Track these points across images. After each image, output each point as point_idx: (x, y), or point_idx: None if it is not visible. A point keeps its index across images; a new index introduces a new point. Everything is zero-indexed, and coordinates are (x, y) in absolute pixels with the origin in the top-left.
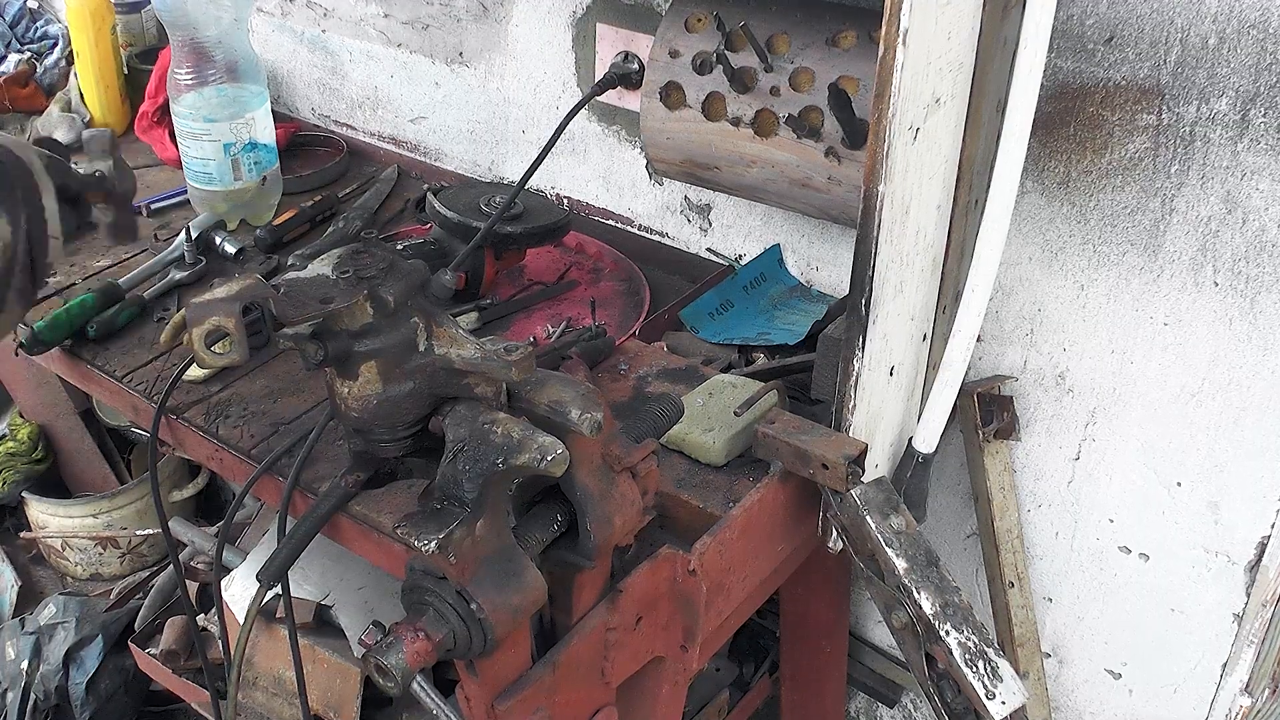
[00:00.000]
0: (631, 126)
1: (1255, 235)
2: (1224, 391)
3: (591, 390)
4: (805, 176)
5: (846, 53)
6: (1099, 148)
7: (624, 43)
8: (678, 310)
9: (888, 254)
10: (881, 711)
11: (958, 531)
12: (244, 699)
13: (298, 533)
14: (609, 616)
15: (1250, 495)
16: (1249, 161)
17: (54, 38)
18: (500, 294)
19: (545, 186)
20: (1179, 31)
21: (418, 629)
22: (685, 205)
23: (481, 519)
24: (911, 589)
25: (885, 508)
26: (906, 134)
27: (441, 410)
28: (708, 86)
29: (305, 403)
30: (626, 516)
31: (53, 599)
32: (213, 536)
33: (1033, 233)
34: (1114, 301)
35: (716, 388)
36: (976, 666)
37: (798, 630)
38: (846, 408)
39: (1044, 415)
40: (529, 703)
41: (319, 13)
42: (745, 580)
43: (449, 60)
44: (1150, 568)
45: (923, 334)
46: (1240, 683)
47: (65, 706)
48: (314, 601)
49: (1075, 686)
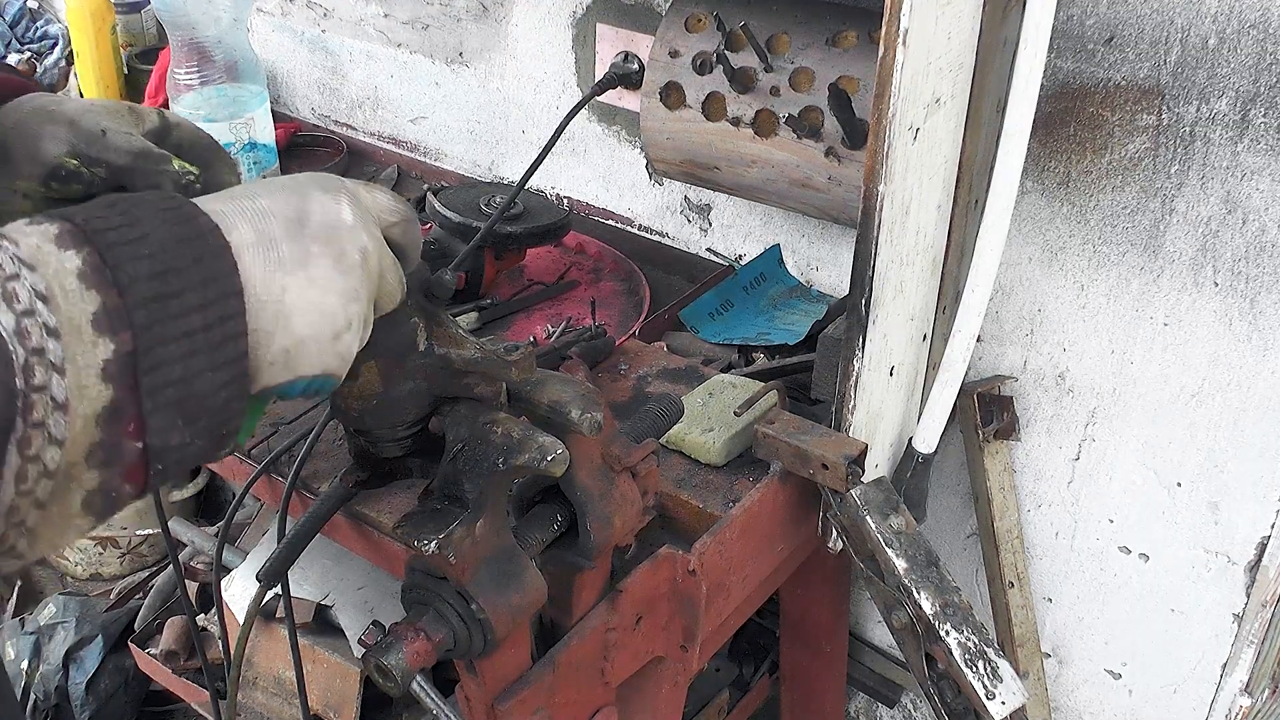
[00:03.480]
0: (631, 126)
1: (1255, 235)
2: (1224, 392)
3: (591, 390)
4: (805, 176)
5: (846, 53)
6: (1099, 148)
7: (624, 43)
8: (678, 310)
9: (888, 254)
10: (881, 711)
11: (958, 531)
12: (244, 699)
13: (297, 533)
14: (609, 617)
15: (1250, 495)
16: (1249, 162)
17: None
18: (500, 294)
19: (545, 186)
20: (1179, 31)
21: (417, 629)
22: (685, 205)
23: (481, 519)
24: (911, 589)
25: (885, 508)
26: (906, 134)
27: (441, 410)
28: (708, 86)
29: (305, 402)
30: (626, 516)
31: (52, 599)
32: (212, 536)
33: (1033, 233)
34: (1114, 301)
35: (716, 388)
36: (976, 666)
37: (798, 630)
38: (846, 408)
39: (1044, 415)
40: (529, 703)
41: (319, 13)
42: (745, 580)
43: (449, 60)
44: (1150, 568)
45: (923, 334)
46: (1240, 683)
47: (65, 706)
48: (314, 601)
49: (1075, 686)
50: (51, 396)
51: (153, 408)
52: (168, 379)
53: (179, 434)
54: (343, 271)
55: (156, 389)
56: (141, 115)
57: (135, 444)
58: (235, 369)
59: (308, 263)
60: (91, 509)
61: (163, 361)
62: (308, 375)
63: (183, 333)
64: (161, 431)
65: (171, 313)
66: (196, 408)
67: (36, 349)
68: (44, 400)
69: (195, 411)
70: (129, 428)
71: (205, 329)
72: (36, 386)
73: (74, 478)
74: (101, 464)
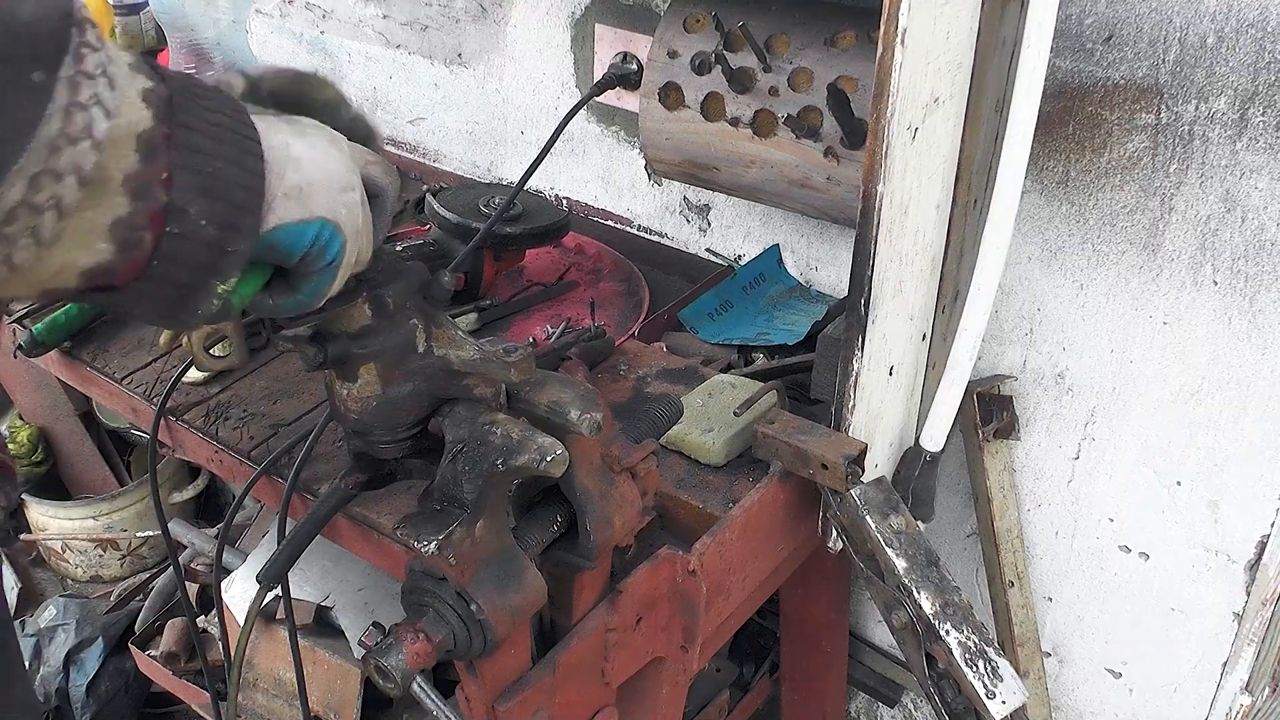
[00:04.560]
0: (630, 127)
1: (1254, 234)
2: (1223, 390)
3: (591, 391)
4: (804, 176)
5: (845, 53)
6: (1098, 147)
7: (622, 43)
8: (677, 311)
9: (887, 254)
10: (881, 711)
11: (958, 531)
12: (244, 700)
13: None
14: (609, 617)
15: (1250, 494)
16: (1248, 160)
17: None
18: (500, 295)
19: (544, 187)
20: (1178, 30)
21: (417, 630)
22: (684, 205)
23: (481, 520)
24: (911, 589)
25: (885, 508)
26: (905, 134)
27: (441, 411)
28: (706, 87)
29: (304, 404)
30: (626, 517)
31: (53, 601)
32: (213, 538)
33: (1032, 232)
34: (1113, 300)
35: (716, 388)
36: (976, 666)
37: (798, 630)
38: (846, 408)
39: (1044, 415)
40: (529, 704)
41: (317, 14)
42: (745, 580)
43: (448, 61)
44: (1150, 567)
45: (922, 334)
46: (1240, 681)
47: (66, 708)
48: (314, 603)
49: (1075, 686)
50: (104, 69)
51: (181, 164)
52: (197, 145)
53: (197, 204)
54: (337, 148)
55: (186, 148)
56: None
57: (161, 194)
58: (253, 177)
59: (304, 133)
60: (114, 236)
61: (193, 125)
62: (318, 215)
63: (211, 122)
64: (184, 191)
65: (201, 103)
66: (217, 187)
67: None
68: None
69: (216, 190)
70: (161, 174)
71: (232, 130)
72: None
73: (110, 193)
74: (133, 194)
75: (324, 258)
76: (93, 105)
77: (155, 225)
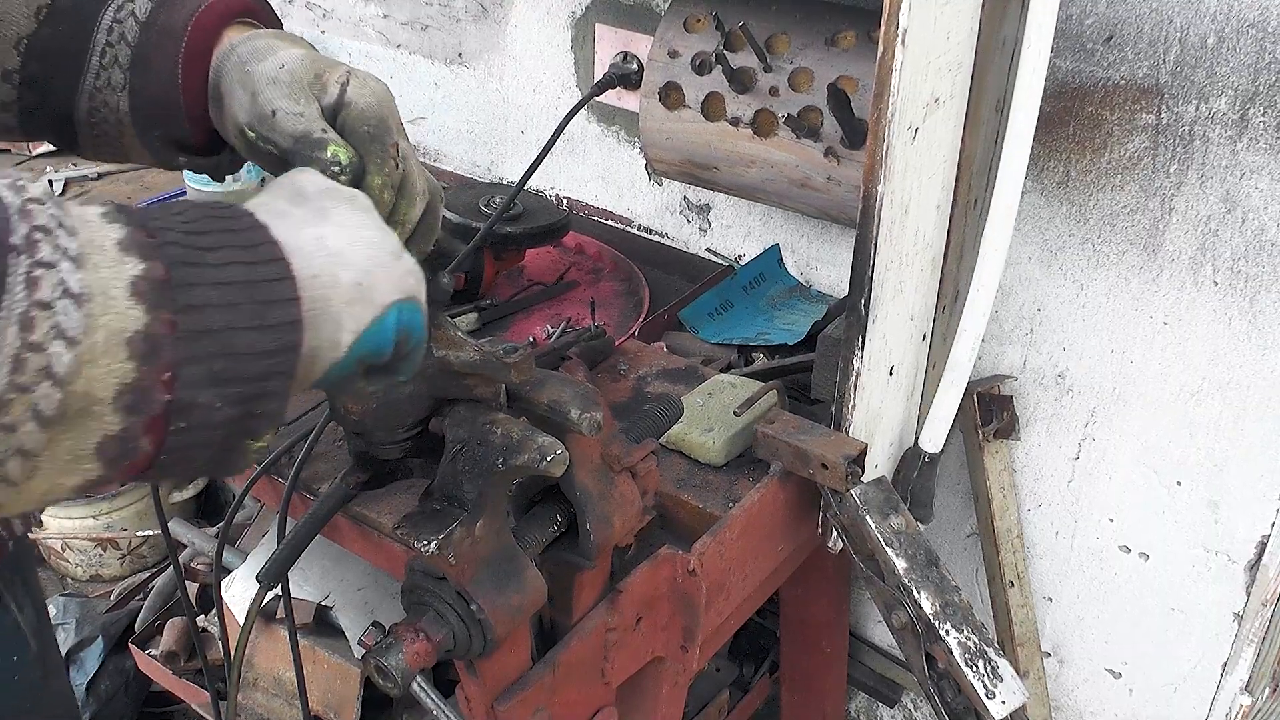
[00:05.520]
0: (631, 127)
1: (1254, 234)
2: (1224, 390)
3: (591, 390)
4: (804, 176)
5: (846, 53)
6: (1098, 147)
7: (623, 43)
8: (677, 310)
9: (887, 254)
10: (881, 711)
11: (958, 531)
12: (244, 700)
13: (297, 534)
14: (609, 617)
15: (1250, 494)
16: (1248, 160)
17: None
18: (500, 294)
19: (545, 187)
20: (1178, 31)
21: (417, 629)
22: (684, 205)
23: (481, 519)
24: (911, 589)
25: (885, 507)
26: (905, 134)
27: (441, 411)
28: (707, 87)
29: (305, 404)
30: (626, 516)
31: (53, 600)
32: (212, 538)
33: (1032, 232)
34: (1113, 301)
35: (716, 388)
36: (976, 666)
37: (798, 630)
38: (846, 407)
39: (1044, 415)
40: (529, 703)
41: (318, 14)
42: (745, 580)
43: (448, 61)
44: (1150, 567)
45: (922, 334)
46: (1240, 682)
47: None
48: (314, 602)
49: (1075, 686)
50: (62, 282)
51: (187, 356)
52: (207, 325)
53: (207, 393)
54: (362, 210)
55: (193, 335)
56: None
57: (162, 395)
58: (282, 338)
59: (326, 214)
60: (103, 455)
61: (199, 301)
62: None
63: (223, 281)
64: (191, 386)
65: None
66: (233, 367)
67: (42, 227)
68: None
69: (230, 371)
70: (163, 375)
71: (248, 284)
72: (42, 262)
73: (94, 416)
74: (127, 408)
75: (414, 335)
76: (51, 341)
77: (155, 429)
